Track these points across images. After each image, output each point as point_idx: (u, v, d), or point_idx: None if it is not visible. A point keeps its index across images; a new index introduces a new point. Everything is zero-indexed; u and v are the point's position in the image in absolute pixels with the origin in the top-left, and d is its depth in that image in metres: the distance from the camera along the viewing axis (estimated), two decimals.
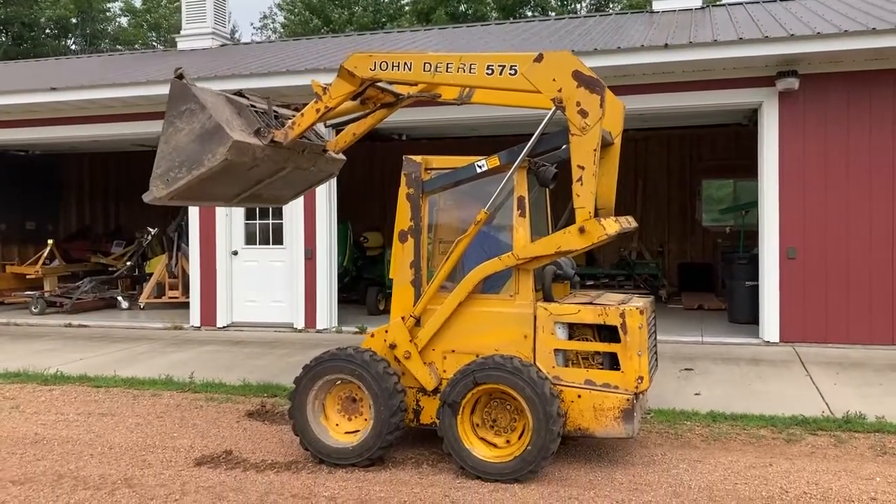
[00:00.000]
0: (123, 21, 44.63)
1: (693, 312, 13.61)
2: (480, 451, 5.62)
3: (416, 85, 6.68)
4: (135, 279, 16.93)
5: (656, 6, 14.81)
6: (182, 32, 17.90)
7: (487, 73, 5.77)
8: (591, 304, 5.87)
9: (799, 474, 5.56)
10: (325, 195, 12.12)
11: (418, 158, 6.21)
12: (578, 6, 37.29)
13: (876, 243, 10.02)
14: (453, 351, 6.01)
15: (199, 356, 10.34)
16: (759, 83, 10.35)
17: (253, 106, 6.55)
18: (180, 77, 6.11)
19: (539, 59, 5.55)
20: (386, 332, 6.17)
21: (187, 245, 14.36)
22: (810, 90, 10.18)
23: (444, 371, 6.01)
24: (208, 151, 5.94)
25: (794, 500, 5.10)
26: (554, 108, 5.60)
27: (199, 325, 12.83)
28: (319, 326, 12.23)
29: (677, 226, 17.61)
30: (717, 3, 18.65)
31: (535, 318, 5.83)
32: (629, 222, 6.46)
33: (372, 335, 6.28)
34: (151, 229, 16.70)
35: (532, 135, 5.84)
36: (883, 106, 9.99)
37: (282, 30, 41.28)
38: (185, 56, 16.18)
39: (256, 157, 6.21)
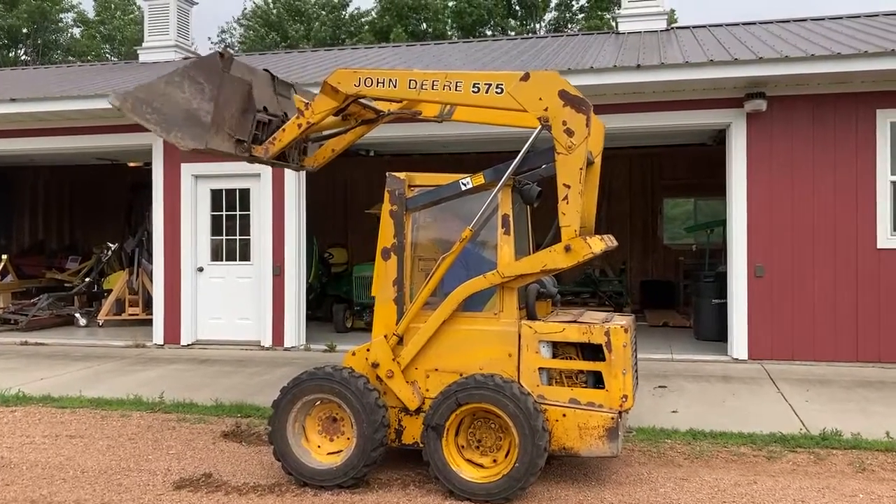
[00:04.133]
0: (76, 32, 43.93)
1: (658, 329, 13.73)
2: (468, 473, 5.54)
3: (398, 102, 6.63)
4: (92, 296, 16.53)
5: (622, 27, 14.98)
6: (144, 45, 17.64)
7: (473, 91, 5.76)
8: (575, 322, 5.85)
9: (784, 492, 5.59)
10: (295, 210, 11.96)
11: (402, 175, 6.14)
12: (537, 26, 37.69)
13: (840, 261, 10.22)
14: (436, 369, 5.93)
15: (167, 375, 10.09)
16: (728, 104, 10.53)
17: (266, 110, 6.45)
18: (222, 56, 5.98)
19: (526, 77, 5.56)
20: (368, 350, 6.07)
21: (149, 261, 14.07)
22: (777, 112, 10.38)
23: (427, 390, 5.93)
24: (182, 129, 5.88)
25: None
26: (540, 126, 5.60)
27: (162, 342, 12.54)
28: (287, 344, 12.03)
29: (639, 244, 17.82)
30: (679, 25, 18.93)
31: (519, 336, 5.78)
32: (611, 241, 6.49)
33: (353, 353, 6.17)
34: (111, 244, 16.36)
35: (509, 152, 5.83)
36: (846, 128, 10.22)
37: (239, 45, 41.00)
38: (149, 68, 15.91)
39: (226, 155, 6.16)
